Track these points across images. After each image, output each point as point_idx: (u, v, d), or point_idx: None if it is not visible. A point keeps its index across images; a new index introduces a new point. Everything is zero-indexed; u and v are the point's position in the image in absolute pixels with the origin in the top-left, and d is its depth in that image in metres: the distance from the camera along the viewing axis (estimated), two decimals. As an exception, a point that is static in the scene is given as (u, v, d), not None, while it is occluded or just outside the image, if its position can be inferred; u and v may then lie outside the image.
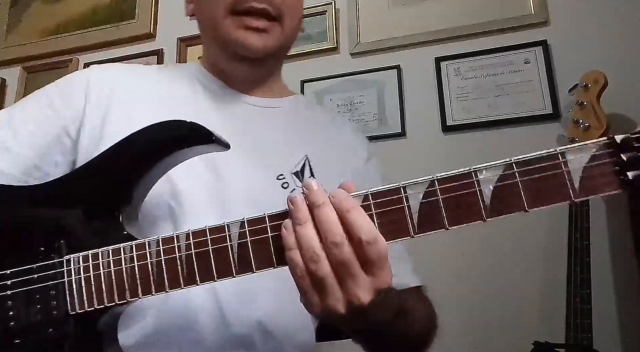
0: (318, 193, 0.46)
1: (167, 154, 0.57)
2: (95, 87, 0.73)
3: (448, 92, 1.63)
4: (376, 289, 0.45)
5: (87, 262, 0.53)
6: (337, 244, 0.44)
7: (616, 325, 1.33)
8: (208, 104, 0.76)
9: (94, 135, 0.69)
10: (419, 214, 0.45)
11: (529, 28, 1.61)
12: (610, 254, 1.37)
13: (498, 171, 0.45)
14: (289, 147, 0.75)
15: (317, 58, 1.82)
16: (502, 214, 0.45)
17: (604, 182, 0.43)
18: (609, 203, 1.41)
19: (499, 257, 1.45)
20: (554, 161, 0.44)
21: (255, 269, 0.48)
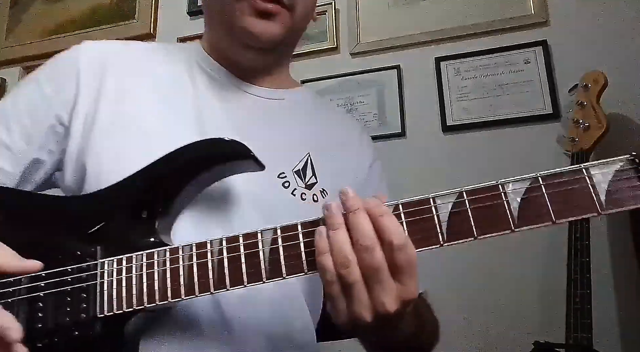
0: (354, 200, 0.47)
1: (205, 170, 0.59)
2: (87, 68, 0.69)
3: (448, 92, 1.63)
4: (403, 299, 0.46)
5: (120, 265, 0.54)
6: (368, 248, 0.45)
7: (616, 325, 1.33)
8: (208, 93, 0.72)
9: (86, 122, 0.67)
10: (448, 223, 0.47)
11: (529, 28, 1.61)
12: (610, 254, 1.38)
13: (525, 184, 0.47)
14: (291, 144, 0.73)
15: (317, 58, 1.82)
16: (530, 224, 0.46)
17: (631, 195, 0.44)
18: (609, 203, 1.41)
19: (499, 257, 1.45)
20: (579, 175, 0.46)
21: (286, 274, 0.49)
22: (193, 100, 0.71)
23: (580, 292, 1.19)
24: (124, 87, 0.69)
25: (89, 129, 0.66)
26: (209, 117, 0.69)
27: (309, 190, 0.70)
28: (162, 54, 0.76)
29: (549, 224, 0.46)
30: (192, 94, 0.71)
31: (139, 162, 0.60)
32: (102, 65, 0.70)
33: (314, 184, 0.71)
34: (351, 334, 0.56)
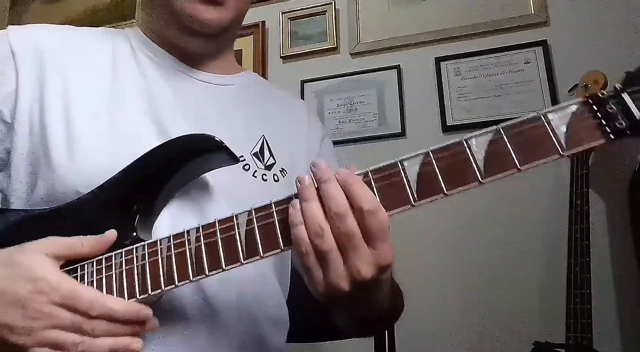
0: (325, 170, 0.48)
1: (180, 167, 0.58)
2: (23, 58, 0.65)
3: (448, 92, 1.63)
4: (378, 265, 0.47)
5: (100, 265, 0.54)
6: (341, 215, 0.46)
7: (616, 325, 1.33)
8: (157, 80, 0.70)
9: (32, 119, 0.63)
10: (417, 182, 0.47)
11: (529, 28, 1.61)
12: (610, 254, 1.38)
13: (488, 137, 0.48)
14: (245, 128, 0.72)
15: (317, 58, 1.82)
16: (496, 174, 0.46)
17: (587, 134, 0.46)
18: (609, 203, 1.41)
19: (500, 257, 1.45)
20: (538, 122, 0.47)
21: (263, 253, 0.49)
22: (143, 87, 0.69)
23: (580, 292, 1.19)
24: (67, 78, 0.66)
25: (38, 126, 0.63)
26: (163, 107, 0.68)
27: (269, 170, 0.71)
28: (101, 40, 0.72)
29: (514, 171, 0.46)
30: (140, 82, 0.69)
31: (97, 157, 0.60)
32: (39, 54, 0.66)
33: (273, 164, 0.72)
34: (330, 306, 0.57)
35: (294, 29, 1.87)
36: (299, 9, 1.87)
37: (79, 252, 0.53)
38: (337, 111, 1.73)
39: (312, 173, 0.49)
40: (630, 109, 0.45)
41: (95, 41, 0.72)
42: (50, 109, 0.63)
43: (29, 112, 0.63)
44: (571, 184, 1.32)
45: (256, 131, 0.73)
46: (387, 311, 0.64)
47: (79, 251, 0.53)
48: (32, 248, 0.51)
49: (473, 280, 1.45)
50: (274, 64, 1.86)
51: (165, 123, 0.66)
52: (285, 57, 1.85)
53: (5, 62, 0.64)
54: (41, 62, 0.65)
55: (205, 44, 0.72)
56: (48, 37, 0.69)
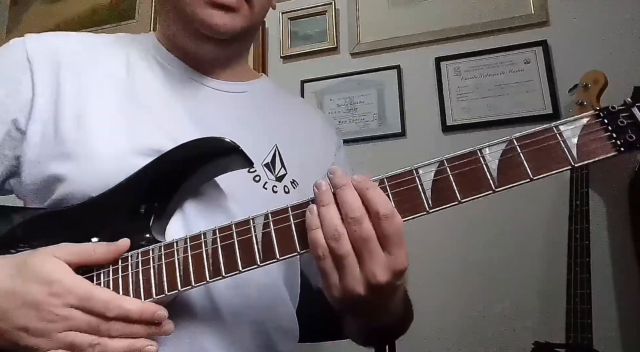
0: (342, 177, 0.49)
1: (194, 169, 0.59)
2: (39, 65, 0.65)
3: (448, 92, 1.63)
4: (393, 270, 0.47)
5: (116, 265, 0.54)
6: (357, 220, 0.47)
7: (616, 325, 1.33)
8: (169, 88, 0.70)
9: (46, 127, 0.63)
10: (432, 190, 0.49)
11: (529, 28, 1.61)
12: (610, 254, 1.38)
13: (501, 147, 0.49)
14: (257, 137, 0.71)
15: (317, 58, 1.82)
16: (509, 183, 0.48)
17: (598, 147, 0.47)
18: (609, 203, 1.41)
19: (500, 257, 1.45)
20: (550, 133, 0.49)
21: (279, 256, 0.50)
22: (154, 94, 0.69)
23: (580, 292, 1.19)
24: (83, 84, 0.66)
25: (51, 133, 0.63)
26: (173, 114, 0.68)
27: (279, 182, 0.70)
28: (116, 46, 0.72)
29: (527, 181, 0.48)
30: (152, 89, 0.69)
31: (109, 161, 0.61)
32: (55, 61, 0.66)
33: (284, 175, 0.71)
34: (345, 313, 0.57)
35: (294, 29, 1.87)
36: (299, 9, 1.87)
37: (90, 259, 0.53)
38: (337, 111, 1.73)
39: (329, 179, 0.49)
40: None
41: (110, 48, 0.72)
42: (65, 115, 0.63)
43: (43, 119, 0.63)
44: (571, 184, 1.32)
45: (268, 140, 0.73)
46: (399, 320, 0.64)
47: (90, 257, 0.53)
48: (44, 252, 0.51)
49: (473, 280, 1.45)
50: (274, 64, 1.86)
51: (175, 130, 0.65)
52: (285, 57, 1.85)
53: (22, 70, 0.65)
54: (57, 69, 0.66)
55: (217, 50, 0.71)
56: (65, 44, 0.69)
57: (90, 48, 0.71)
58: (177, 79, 0.71)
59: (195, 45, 0.71)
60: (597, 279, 1.22)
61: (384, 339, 0.73)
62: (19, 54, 0.65)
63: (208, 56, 0.72)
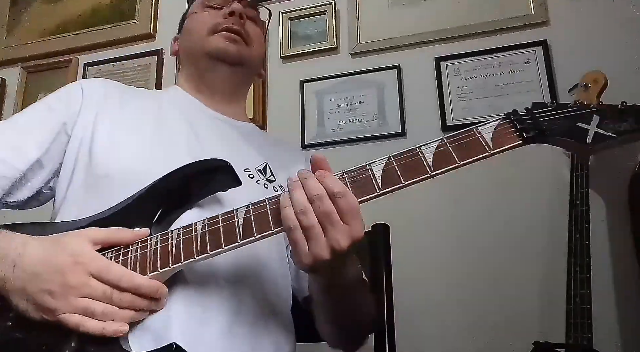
0: (306, 172, 0.61)
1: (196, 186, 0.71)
2: (90, 92, 0.85)
3: (448, 92, 1.63)
4: (352, 237, 0.58)
5: (118, 252, 0.64)
6: (319, 197, 0.57)
7: (616, 325, 1.33)
8: (193, 117, 0.88)
9: (85, 136, 0.79)
10: (381, 176, 0.62)
11: (529, 28, 1.61)
12: (610, 254, 1.38)
13: (435, 144, 0.63)
14: (252, 153, 0.89)
15: (317, 58, 1.82)
16: (442, 168, 0.61)
17: (508, 138, 0.63)
18: (609, 203, 1.41)
19: (499, 257, 1.45)
20: (471, 133, 0.64)
21: (256, 234, 0.61)
22: (183, 121, 0.86)
23: (580, 292, 1.19)
24: (120, 112, 0.84)
25: (88, 143, 0.78)
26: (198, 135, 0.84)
27: (269, 183, 0.85)
28: (148, 93, 0.97)
29: (456, 165, 0.61)
30: (181, 118, 0.87)
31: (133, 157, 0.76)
32: (101, 96, 0.85)
33: (273, 180, 0.86)
34: (311, 275, 0.68)
35: (294, 29, 1.87)
36: (299, 9, 1.87)
37: (115, 237, 0.64)
38: (337, 111, 1.73)
39: (297, 175, 0.62)
40: (538, 121, 0.65)
41: (145, 93, 0.96)
42: (101, 130, 0.80)
43: (83, 129, 0.80)
44: (571, 184, 1.31)
45: (261, 158, 0.89)
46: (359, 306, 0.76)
47: (115, 236, 0.64)
48: (73, 233, 0.63)
49: (473, 280, 1.45)
50: (274, 64, 1.86)
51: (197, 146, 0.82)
52: (285, 57, 1.85)
53: (76, 94, 0.84)
54: (102, 101, 0.84)
55: (228, 73, 0.92)
56: (110, 86, 0.89)
57: (131, 91, 0.93)
58: (198, 112, 0.91)
59: (210, 71, 0.92)
60: (597, 279, 1.22)
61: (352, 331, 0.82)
62: (76, 87, 0.86)
63: (220, 80, 0.93)
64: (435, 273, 1.49)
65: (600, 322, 1.20)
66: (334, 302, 0.73)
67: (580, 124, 0.66)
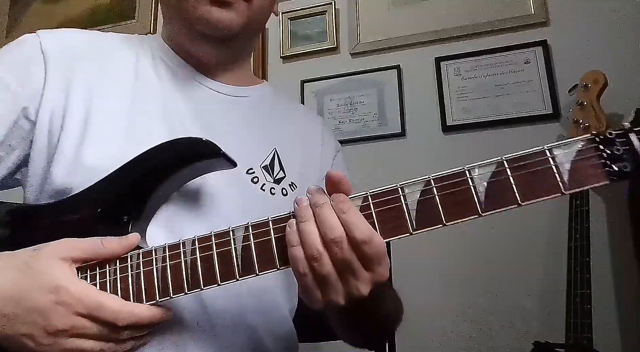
0: (318, 195, 0.48)
1: (177, 170, 0.58)
2: (54, 59, 0.66)
3: (448, 92, 1.63)
4: (375, 283, 0.48)
5: (94, 271, 0.53)
6: (337, 242, 0.46)
7: (616, 325, 1.33)
8: (172, 88, 0.71)
9: (54, 117, 0.64)
10: (416, 211, 0.47)
11: (529, 28, 1.61)
12: (610, 254, 1.37)
13: (490, 168, 0.47)
14: (257, 141, 0.73)
15: (317, 58, 1.82)
16: (497, 208, 0.46)
17: (591, 174, 0.45)
18: (609, 203, 1.41)
19: (499, 257, 1.45)
20: (543, 157, 0.46)
21: (258, 271, 0.49)
22: (159, 95, 0.70)
23: (580, 292, 1.19)
24: (92, 84, 0.67)
25: (59, 126, 0.63)
26: (176, 114, 0.69)
27: (277, 184, 0.71)
28: (126, 47, 0.74)
29: (514, 207, 0.46)
30: (158, 90, 0.70)
31: (107, 158, 0.60)
32: (68, 58, 0.67)
33: (283, 178, 0.72)
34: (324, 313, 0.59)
35: (294, 29, 1.87)
36: (299, 9, 1.87)
37: (99, 253, 0.53)
38: (337, 111, 1.73)
39: (307, 195, 0.49)
40: (637, 151, 0.44)
41: (120, 49, 0.73)
42: (73, 111, 0.64)
43: (51, 111, 0.64)
44: (571, 184, 1.31)
45: (268, 144, 0.74)
46: (384, 316, 0.65)
47: (99, 252, 0.53)
48: (47, 253, 0.50)
49: (473, 280, 1.45)
50: (274, 64, 1.86)
51: (176, 130, 0.66)
52: (285, 57, 1.85)
53: (34, 61, 0.65)
54: (70, 65, 0.67)
55: (218, 50, 0.72)
56: (78, 42, 0.70)
57: (102, 48, 0.72)
58: (181, 79, 0.73)
59: (195, 46, 0.72)
60: (597, 279, 1.22)
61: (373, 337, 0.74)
62: (33, 47, 0.66)
63: (209, 58, 0.73)
64: (435, 273, 1.49)
65: (600, 322, 1.20)
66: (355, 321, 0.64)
67: None
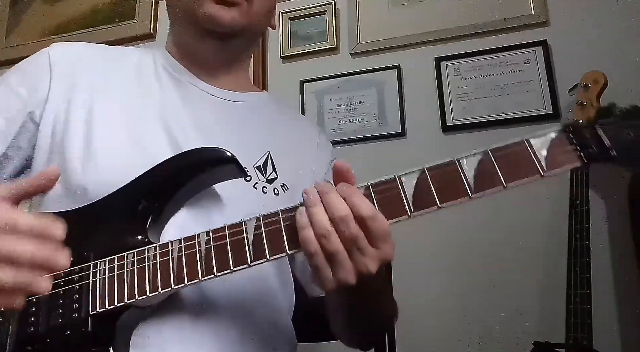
0: (326, 185, 0.53)
1: (191, 177, 0.63)
2: (59, 68, 0.73)
3: (448, 92, 1.63)
4: (382, 260, 0.52)
5: (112, 263, 0.56)
6: (344, 219, 0.50)
7: (616, 325, 1.33)
8: (174, 96, 0.76)
9: (57, 121, 0.70)
10: (413, 196, 0.53)
11: (529, 28, 1.61)
12: (610, 254, 1.37)
13: (477, 158, 0.53)
14: (251, 143, 0.77)
15: (317, 58, 1.82)
16: (484, 190, 0.52)
17: (565, 158, 0.53)
18: (609, 203, 1.41)
19: (499, 257, 1.45)
20: (522, 146, 0.54)
21: (269, 256, 0.53)
22: (159, 101, 0.75)
23: (580, 292, 1.19)
24: (96, 89, 0.72)
25: (61, 128, 0.69)
26: (174, 118, 0.73)
27: (269, 184, 0.74)
28: (128, 57, 0.80)
29: (500, 188, 0.52)
30: (158, 95, 0.75)
31: (110, 165, 0.65)
32: (73, 66, 0.74)
33: (275, 179, 0.75)
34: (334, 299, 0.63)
35: (294, 29, 1.87)
36: (299, 9, 1.87)
37: (23, 187, 0.54)
38: (337, 111, 1.73)
39: (315, 186, 0.53)
40: (601, 138, 0.53)
41: (123, 59, 0.80)
42: (75, 117, 0.69)
43: (54, 114, 0.70)
44: (571, 184, 1.31)
45: (262, 146, 0.77)
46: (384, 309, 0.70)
47: (23, 186, 0.54)
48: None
49: (473, 280, 1.45)
50: (274, 64, 1.86)
51: (175, 134, 0.71)
52: (285, 57, 1.85)
53: (42, 70, 0.73)
54: (74, 74, 0.73)
55: (220, 47, 0.78)
56: (84, 53, 0.78)
57: (106, 58, 0.79)
58: (181, 85, 0.78)
59: (200, 43, 0.77)
60: (597, 279, 1.22)
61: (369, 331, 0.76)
62: (43, 59, 0.75)
63: (211, 54, 0.78)
64: (435, 273, 1.49)
65: (600, 322, 1.20)
66: (356, 311, 0.67)
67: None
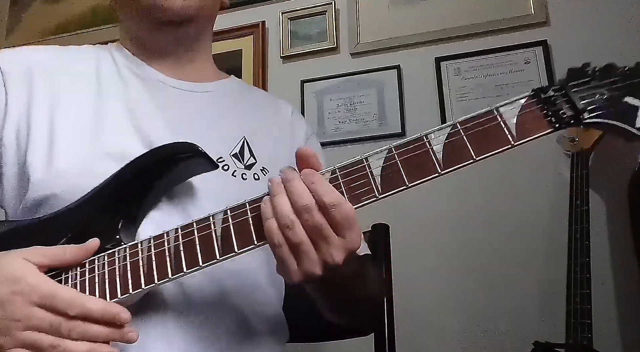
0: (289, 172, 0.52)
1: (160, 175, 0.61)
2: (11, 77, 0.69)
3: (448, 92, 1.63)
4: (348, 249, 0.50)
5: (83, 268, 0.55)
6: (307, 208, 0.49)
7: (616, 325, 1.33)
8: (138, 91, 0.73)
9: (20, 132, 0.66)
10: (381, 177, 0.51)
11: (529, 28, 1.61)
12: (610, 254, 1.37)
13: (445, 131, 0.51)
14: (225, 131, 0.75)
15: (317, 58, 1.82)
16: (454, 165, 0.50)
17: (536, 125, 0.50)
18: (609, 203, 1.41)
19: (500, 257, 1.45)
20: (491, 115, 0.51)
21: (237, 249, 0.52)
22: (123, 97, 0.72)
23: (580, 292, 1.19)
24: (54, 92, 0.69)
25: (24, 138, 0.66)
26: (143, 115, 0.70)
27: (248, 170, 0.73)
28: (86, 56, 0.78)
29: (470, 162, 0.50)
30: (122, 92, 0.73)
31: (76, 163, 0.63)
32: (28, 73, 0.70)
33: (253, 164, 0.74)
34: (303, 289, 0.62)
35: (294, 29, 1.87)
36: (299, 9, 1.87)
37: (62, 260, 0.54)
38: (337, 111, 1.73)
39: (280, 174, 0.52)
40: (573, 101, 0.51)
41: (80, 59, 0.77)
42: (37, 123, 0.66)
43: (16, 128, 0.67)
44: (571, 184, 1.31)
45: (236, 133, 0.75)
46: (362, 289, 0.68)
47: (62, 259, 0.54)
48: (14, 254, 0.52)
49: (473, 280, 1.45)
50: (274, 64, 1.86)
51: (145, 130, 0.68)
52: (285, 57, 1.85)
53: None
54: (30, 80, 0.69)
55: (174, 37, 0.75)
56: (36, 57, 0.73)
57: (61, 61, 0.75)
58: (145, 82, 0.75)
59: (154, 37, 0.75)
60: (597, 279, 1.22)
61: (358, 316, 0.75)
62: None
63: (169, 44, 0.76)
64: (435, 273, 1.49)
65: (600, 322, 1.20)
66: (331, 299, 0.66)
67: (630, 100, 0.49)
